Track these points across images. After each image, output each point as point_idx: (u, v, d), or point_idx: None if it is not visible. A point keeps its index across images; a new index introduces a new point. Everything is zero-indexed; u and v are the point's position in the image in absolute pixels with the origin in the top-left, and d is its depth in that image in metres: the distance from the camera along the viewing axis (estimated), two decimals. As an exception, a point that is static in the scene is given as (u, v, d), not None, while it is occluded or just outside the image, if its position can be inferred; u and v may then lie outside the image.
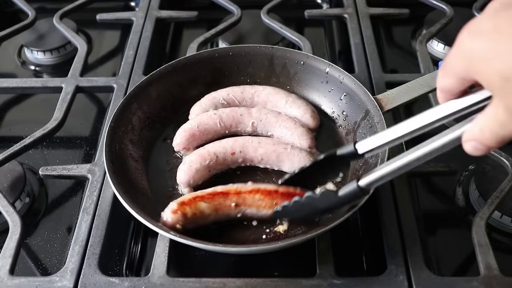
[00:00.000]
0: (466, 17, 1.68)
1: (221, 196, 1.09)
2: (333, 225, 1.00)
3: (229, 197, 1.09)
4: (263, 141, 1.22)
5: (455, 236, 1.23)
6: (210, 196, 1.09)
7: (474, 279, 1.01)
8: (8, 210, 1.14)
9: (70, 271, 1.06)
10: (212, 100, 1.33)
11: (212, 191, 1.10)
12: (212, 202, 1.08)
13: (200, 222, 1.09)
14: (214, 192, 1.10)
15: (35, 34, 1.77)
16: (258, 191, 1.09)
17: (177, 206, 1.07)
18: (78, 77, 1.50)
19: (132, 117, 1.27)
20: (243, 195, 1.09)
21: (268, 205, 1.08)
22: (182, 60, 1.39)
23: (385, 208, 1.15)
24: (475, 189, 1.25)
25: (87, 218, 1.15)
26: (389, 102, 1.21)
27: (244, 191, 1.09)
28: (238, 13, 1.70)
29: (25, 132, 1.36)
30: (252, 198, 1.09)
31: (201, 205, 1.07)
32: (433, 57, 1.63)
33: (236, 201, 1.09)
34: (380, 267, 1.06)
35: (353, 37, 1.62)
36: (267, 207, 1.08)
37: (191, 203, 1.07)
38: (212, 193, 1.09)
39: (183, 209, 1.06)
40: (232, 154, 1.20)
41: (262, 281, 1.02)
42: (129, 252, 1.21)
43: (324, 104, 1.38)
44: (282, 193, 1.08)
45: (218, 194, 1.09)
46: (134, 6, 1.97)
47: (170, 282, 1.02)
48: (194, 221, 1.07)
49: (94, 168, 1.24)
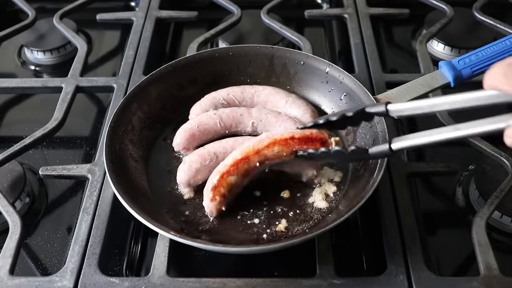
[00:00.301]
0: (466, 17, 1.71)
1: (244, 162, 1.11)
2: (333, 225, 1.00)
3: (251, 160, 1.11)
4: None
5: (455, 236, 1.23)
6: (234, 167, 1.11)
7: (474, 279, 1.01)
8: (8, 210, 1.14)
9: (70, 271, 1.06)
10: (212, 100, 1.33)
11: (233, 161, 1.11)
12: (238, 172, 1.10)
13: (237, 191, 1.13)
14: (235, 161, 1.11)
15: (35, 34, 1.78)
16: (275, 143, 1.11)
17: (212, 193, 1.10)
18: (78, 77, 1.50)
19: (132, 117, 1.27)
20: (262, 152, 1.11)
21: (289, 152, 1.11)
22: (182, 60, 1.39)
23: (385, 208, 1.15)
24: (475, 189, 1.25)
25: (87, 218, 1.15)
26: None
27: (262, 148, 1.11)
28: (238, 13, 1.70)
29: (25, 132, 1.36)
30: (272, 151, 1.11)
31: (230, 179, 1.10)
32: (433, 57, 1.63)
33: (258, 160, 1.11)
34: (380, 267, 1.06)
35: (353, 37, 1.62)
36: (288, 154, 1.11)
37: (221, 183, 1.10)
38: (234, 163, 1.11)
39: (218, 192, 1.10)
40: None
41: (262, 281, 1.02)
42: (129, 252, 1.21)
43: (324, 104, 1.38)
44: (299, 139, 1.12)
45: (240, 162, 1.11)
46: (134, 6, 1.97)
47: (170, 282, 1.02)
48: (233, 194, 1.12)
49: (94, 168, 1.24)
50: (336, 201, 1.17)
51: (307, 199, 1.18)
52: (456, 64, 1.21)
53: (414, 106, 1.00)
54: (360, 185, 1.12)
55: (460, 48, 1.66)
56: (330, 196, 1.18)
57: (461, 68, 1.20)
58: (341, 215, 1.02)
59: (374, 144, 1.17)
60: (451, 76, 1.20)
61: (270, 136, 1.13)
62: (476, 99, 0.89)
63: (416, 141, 0.96)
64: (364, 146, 1.22)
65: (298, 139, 1.12)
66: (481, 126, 0.86)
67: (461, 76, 1.20)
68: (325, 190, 1.19)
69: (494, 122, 0.84)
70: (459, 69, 1.20)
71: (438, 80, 1.22)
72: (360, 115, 1.11)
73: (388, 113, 1.04)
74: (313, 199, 1.18)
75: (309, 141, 1.11)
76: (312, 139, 1.12)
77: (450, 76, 1.20)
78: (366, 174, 1.14)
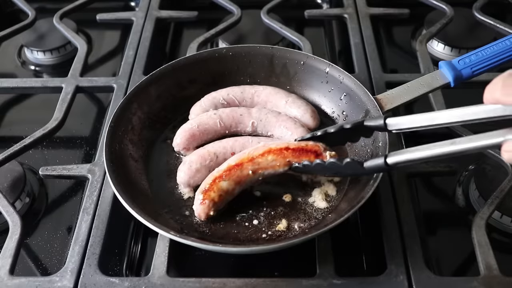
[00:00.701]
0: (466, 17, 1.71)
1: (237, 169, 1.10)
2: (333, 225, 1.00)
3: (245, 167, 1.10)
4: (263, 141, 1.22)
5: (455, 236, 1.23)
6: (227, 172, 1.10)
7: (474, 279, 1.01)
8: (8, 210, 1.14)
9: (70, 271, 1.06)
10: (212, 100, 1.33)
11: (227, 166, 1.11)
12: (231, 178, 1.10)
13: (228, 199, 1.12)
14: (229, 167, 1.11)
15: (35, 34, 1.77)
16: (270, 152, 1.11)
17: (202, 195, 1.09)
18: (78, 77, 1.50)
19: (132, 117, 1.27)
20: (256, 160, 1.10)
21: (283, 163, 1.10)
22: (182, 60, 1.39)
23: (385, 208, 1.15)
24: (475, 189, 1.25)
25: (87, 218, 1.15)
26: (389, 102, 1.21)
27: (256, 156, 1.11)
28: (238, 13, 1.70)
29: (25, 132, 1.36)
30: (266, 160, 1.10)
31: (222, 184, 1.10)
32: (433, 57, 1.63)
33: (252, 168, 1.10)
34: (380, 267, 1.06)
35: (353, 37, 1.62)
36: (282, 165, 1.11)
37: (213, 187, 1.09)
38: (228, 168, 1.11)
39: (208, 196, 1.09)
40: (232, 154, 1.20)
41: (262, 281, 1.02)
42: (129, 252, 1.21)
43: (324, 104, 1.37)
44: (294, 149, 1.11)
45: (234, 168, 1.11)
46: (134, 6, 1.97)
47: (170, 282, 1.02)
48: (223, 201, 1.11)
49: (94, 168, 1.24)
50: (336, 201, 1.17)
51: (307, 199, 1.18)
52: (456, 64, 1.21)
53: (412, 119, 1.00)
54: (360, 185, 1.12)
55: (460, 48, 1.66)
56: (330, 196, 1.18)
57: (461, 68, 1.20)
58: (341, 215, 1.02)
59: (374, 143, 1.17)
60: (451, 76, 1.20)
61: (266, 145, 1.13)
62: (476, 113, 0.88)
63: (412, 156, 0.94)
64: (364, 145, 1.22)
65: (293, 149, 1.10)
66: (478, 141, 0.86)
67: (461, 76, 1.20)
68: (325, 190, 1.19)
69: (492, 137, 0.84)
70: (459, 69, 1.20)
71: (438, 80, 1.22)
72: (358, 128, 1.10)
73: (386, 127, 1.04)
74: (313, 199, 1.18)
75: (303, 153, 1.10)
76: (307, 150, 1.10)
77: (450, 76, 1.20)
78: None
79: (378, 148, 1.14)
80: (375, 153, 1.15)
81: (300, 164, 1.10)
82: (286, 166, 1.11)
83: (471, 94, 1.54)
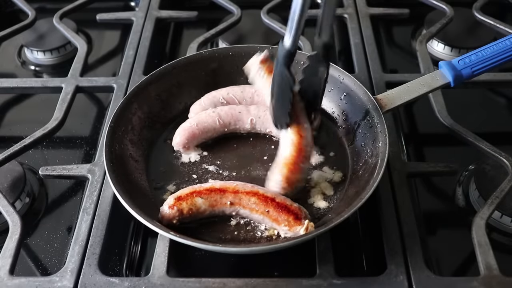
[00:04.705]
0: (466, 17, 1.71)
1: (218, 193, 1.09)
2: (333, 225, 1.00)
3: (226, 195, 1.09)
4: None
5: (455, 236, 1.23)
6: (207, 191, 1.09)
7: (474, 279, 1.01)
8: (8, 210, 1.14)
9: (70, 271, 1.06)
10: (212, 99, 1.33)
11: (210, 186, 1.11)
12: (208, 198, 1.09)
13: (196, 217, 1.10)
14: (211, 188, 1.10)
15: (35, 34, 1.77)
16: (255, 195, 1.09)
17: (174, 201, 1.08)
18: (78, 77, 1.50)
19: (132, 117, 1.27)
20: (239, 195, 1.09)
21: (261, 210, 1.08)
22: (182, 60, 1.39)
23: (385, 208, 1.15)
24: (475, 189, 1.25)
25: (87, 218, 1.15)
26: (389, 102, 1.21)
27: (241, 191, 1.10)
28: (238, 13, 1.70)
29: (25, 132, 1.36)
30: (248, 200, 1.09)
31: (197, 200, 1.08)
32: (433, 57, 1.63)
33: (232, 200, 1.09)
34: (380, 267, 1.06)
35: (353, 37, 1.62)
36: (259, 212, 1.08)
37: (187, 198, 1.08)
38: (210, 188, 1.10)
39: (179, 204, 1.08)
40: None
41: (262, 281, 1.02)
42: (129, 252, 1.21)
43: (324, 104, 1.37)
44: (278, 203, 1.08)
45: (216, 191, 1.09)
46: (134, 6, 1.97)
47: (170, 282, 1.02)
48: (190, 216, 1.09)
49: (94, 168, 1.24)
50: (336, 201, 1.17)
51: (307, 199, 1.18)
52: (456, 64, 1.21)
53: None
54: (360, 185, 1.12)
55: (460, 48, 1.66)
56: (330, 196, 1.18)
57: (461, 68, 1.20)
58: (341, 215, 1.02)
59: (374, 143, 1.17)
60: (451, 76, 1.20)
61: (254, 187, 1.11)
62: None
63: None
64: (364, 145, 1.22)
65: (277, 203, 1.08)
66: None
67: (461, 76, 1.20)
68: (324, 190, 1.19)
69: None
70: (459, 69, 1.20)
71: (438, 80, 1.22)
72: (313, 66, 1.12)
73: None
74: (313, 199, 1.18)
75: (284, 210, 1.06)
76: (288, 210, 1.07)
77: (450, 76, 1.20)
78: (366, 174, 1.14)
79: (378, 148, 1.15)
80: (375, 153, 1.15)
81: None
82: (263, 215, 1.08)
83: (471, 94, 1.56)
